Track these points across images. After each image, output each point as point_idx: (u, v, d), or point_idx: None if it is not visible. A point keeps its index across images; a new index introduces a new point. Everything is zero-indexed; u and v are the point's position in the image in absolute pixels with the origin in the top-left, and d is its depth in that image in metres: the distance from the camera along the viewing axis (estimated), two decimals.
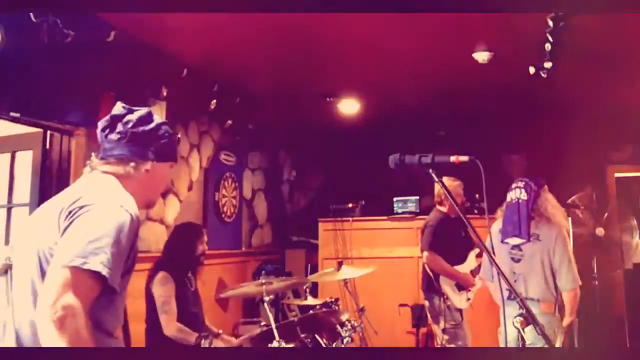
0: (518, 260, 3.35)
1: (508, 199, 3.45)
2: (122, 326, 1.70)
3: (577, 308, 3.29)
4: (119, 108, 1.75)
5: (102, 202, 1.55)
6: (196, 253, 3.54)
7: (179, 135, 1.91)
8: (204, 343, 3.21)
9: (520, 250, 3.34)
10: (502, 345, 3.14)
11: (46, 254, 1.53)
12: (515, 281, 3.30)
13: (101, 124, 1.74)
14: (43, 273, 1.52)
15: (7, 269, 1.63)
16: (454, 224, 4.37)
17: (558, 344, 3.22)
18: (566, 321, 3.28)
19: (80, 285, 1.43)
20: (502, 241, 3.39)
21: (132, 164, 1.71)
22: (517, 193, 3.40)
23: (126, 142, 1.71)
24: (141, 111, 1.76)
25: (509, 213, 3.40)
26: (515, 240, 3.35)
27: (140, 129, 1.73)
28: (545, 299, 3.23)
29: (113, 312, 1.61)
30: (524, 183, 3.41)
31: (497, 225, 3.50)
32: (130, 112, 1.75)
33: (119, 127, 1.71)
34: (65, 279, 1.42)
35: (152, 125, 1.75)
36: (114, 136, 1.71)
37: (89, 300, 1.45)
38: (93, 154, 1.75)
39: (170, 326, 3.24)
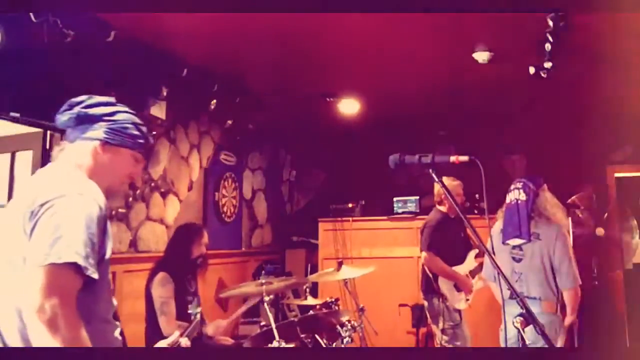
0: (519, 260, 3.35)
1: (507, 200, 3.44)
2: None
3: (578, 308, 3.29)
4: (80, 97, 1.75)
5: (60, 194, 1.53)
6: (196, 255, 3.53)
7: (154, 133, 1.88)
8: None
9: (521, 249, 3.34)
10: (502, 344, 3.14)
11: (18, 260, 1.51)
12: (516, 280, 3.30)
13: (60, 112, 1.74)
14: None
15: None
16: (454, 224, 4.37)
17: (560, 344, 3.21)
18: (568, 320, 3.28)
19: (61, 281, 1.42)
20: (503, 242, 3.39)
21: (84, 144, 1.70)
22: (515, 194, 3.39)
23: (76, 122, 1.71)
24: (101, 97, 1.76)
25: (508, 214, 3.39)
26: (516, 241, 3.34)
27: (92, 110, 1.72)
28: (547, 298, 3.23)
29: (101, 298, 1.60)
30: (522, 184, 3.40)
31: (497, 226, 3.50)
32: (90, 98, 1.75)
33: (74, 110, 1.71)
34: (45, 279, 1.41)
35: (107, 108, 1.74)
36: (64, 117, 1.71)
37: (73, 294, 1.44)
38: (55, 145, 1.75)
39: (170, 327, 3.23)
